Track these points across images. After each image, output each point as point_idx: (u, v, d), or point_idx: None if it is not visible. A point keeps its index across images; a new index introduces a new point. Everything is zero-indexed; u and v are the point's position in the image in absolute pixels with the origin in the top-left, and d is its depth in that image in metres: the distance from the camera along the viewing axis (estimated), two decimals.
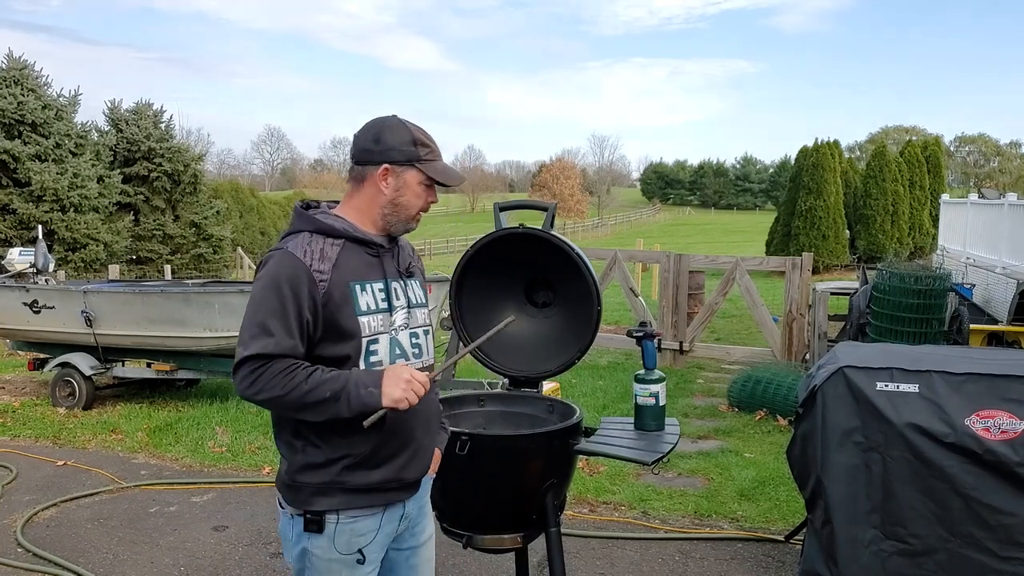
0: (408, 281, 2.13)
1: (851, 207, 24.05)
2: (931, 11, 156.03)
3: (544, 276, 3.29)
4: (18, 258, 15.46)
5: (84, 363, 7.38)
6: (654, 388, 3.11)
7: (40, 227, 11.97)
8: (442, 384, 2.34)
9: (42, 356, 7.92)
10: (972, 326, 7.05)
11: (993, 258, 9.82)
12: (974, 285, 8.91)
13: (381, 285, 2.04)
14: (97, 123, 23.30)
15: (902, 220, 24.09)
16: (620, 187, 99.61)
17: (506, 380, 3.31)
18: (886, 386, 3.13)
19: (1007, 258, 9.27)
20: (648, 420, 3.12)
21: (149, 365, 7.63)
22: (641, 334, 3.19)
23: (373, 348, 1.99)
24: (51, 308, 7.48)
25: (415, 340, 2.10)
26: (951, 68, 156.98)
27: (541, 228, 3.15)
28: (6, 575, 3.98)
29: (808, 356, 8.31)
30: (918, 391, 3.10)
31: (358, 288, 1.99)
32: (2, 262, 15.55)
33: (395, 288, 2.07)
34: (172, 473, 5.61)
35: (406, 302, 2.10)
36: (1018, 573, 2.98)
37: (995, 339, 7.11)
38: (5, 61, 20.60)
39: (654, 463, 2.86)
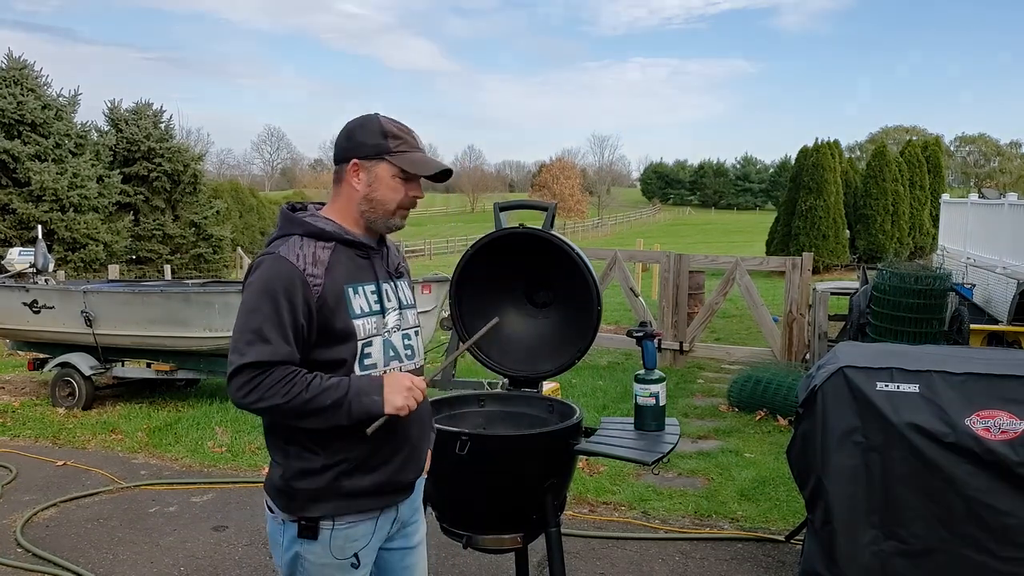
0: (398, 282, 2.12)
1: (851, 207, 24.02)
2: (931, 11, 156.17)
3: (544, 276, 3.29)
4: (18, 258, 15.41)
5: (84, 363, 7.38)
6: (654, 388, 3.11)
7: (40, 227, 11.96)
8: (442, 384, 2.34)
9: (42, 356, 7.92)
10: (972, 326, 7.05)
11: (993, 258, 9.82)
12: (974, 285, 8.91)
13: (373, 287, 2.03)
14: (97, 123, 23.25)
15: (902, 220, 24.07)
16: (620, 187, 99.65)
17: (506, 380, 3.31)
18: (886, 386, 3.13)
19: (1007, 258, 9.28)
20: (648, 420, 3.12)
21: (149, 365, 7.63)
22: (641, 334, 3.19)
23: (367, 351, 1.98)
24: (51, 308, 7.48)
25: (407, 341, 2.09)
26: (951, 68, 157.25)
27: (541, 228, 3.15)
28: (6, 575, 3.97)
29: (808, 356, 8.31)
30: (918, 391, 3.10)
31: (351, 291, 1.97)
32: (2, 262, 15.52)
33: (386, 290, 2.06)
34: (172, 473, 5.60)
35: (397, 303, 2.08)
36: (1018, 573, 2.98)
37: (995, 339, 7.11)
38: (5, 61, 20.57)
39: (654, 463, 2.86)
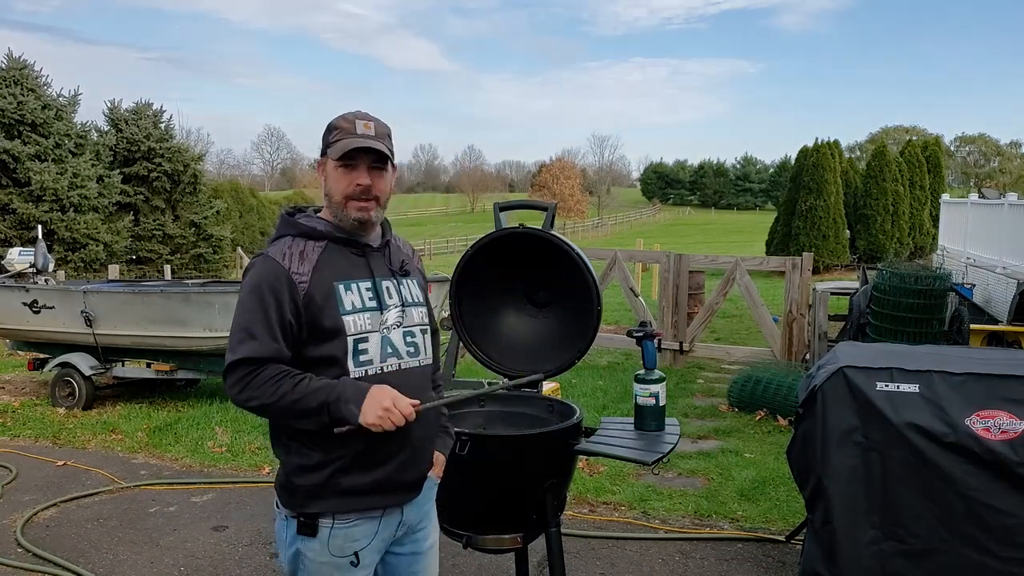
0: (403, 280, 2.12)
1: (851, 207, 24.01)
2: (931, 11, 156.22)
3: (544, 276, 3.29)
4: (18, 258, 15.41)
5: (84, 363, 7.39)
6: (654, 388, 3.11)
7: (40, 227, 11.98)
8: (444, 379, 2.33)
9: (42, 356, 7.92)
10: (972, 326, 7.05)
11: (993, 258, 9.83)
12: (974, 285, 8.92)
13: (368, 284, 2.04)
14: (97, 123, 23.27)
15: (902, 220, 24.07)
16: (620, 187, 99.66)
17: (506, 380, 3.31)
18: (886, 386, 3.13)
19: (1007, 258, 9.28)
20: (648, 420, 3.12)
21: (149, 365, 7.63)
22: (641, 334, 3.19)
23: (362, 347, 1.98)
24: (51, 308, 7.48)
25: (410, 339, 2.09)
26: (951, 68, 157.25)
27: (541, 228, 3.15)
28: (6, 575, 3.97)
29: (808, 356, 8.31)
30: (918, 391, 3.09)
31: (342, 288, 1.99)
32: (2, 262, 15.52)
33: (386, 287, 2.07)
34: (172, 473, 5.60)
35: (399, 300, 2.08)
36: (1018, 573, 2.98)
37: (995, 339, 7.11)
38: (5, 61, 20.57)
39: (654, 463, 2.86)
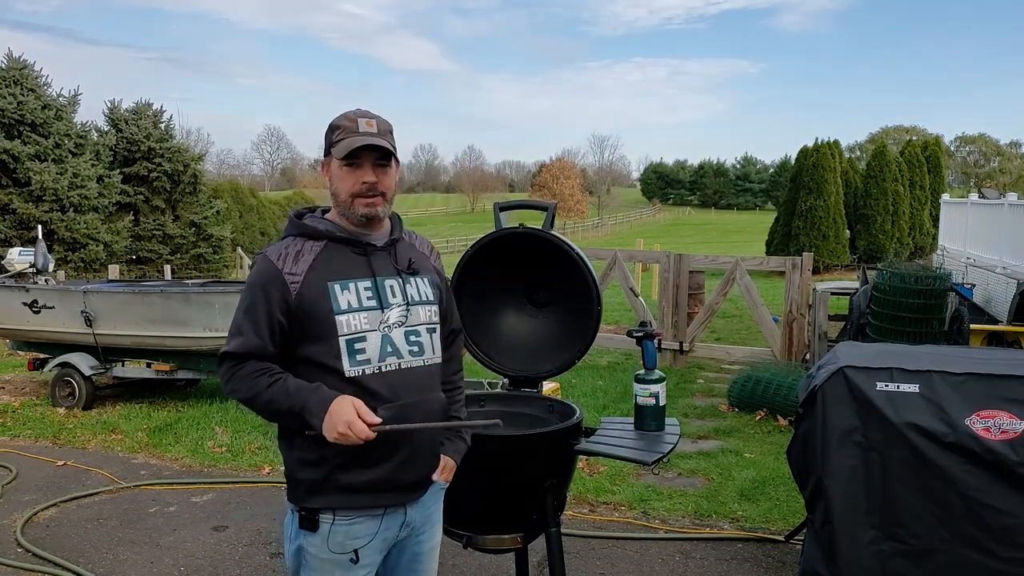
0: (410, 279, 2.11)
1: (851, 207, 24.01)
2: (931, 11, 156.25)
3: (544, 276, 3.29)
4: (18, 258, 15.40)
5: (84, 363, 7.39)
6: (654, 388, 3.11)
7: (40, 227, 11.96)
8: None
9: (42, 356, 7.92)
10: (972, 326, 7.05)
11: (993, 258, 9.83)
12: (974, 285, 8.91)
13: (368, 283, 2.03)
14: (97, 123, 23.30)
15: (902, 220, 24.07)
16: (620, 187, 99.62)
17: (506, 380, 3.31)
18: (886, 386, 3.13)
19: (1007, 258, 9.28)
20: (648, 420, 3.12)
21: (149, 365, 7.62)
22: (641, 334, 3.19)
23: (359, 346, 1.98)
24: (51, 308, 7.48)
25: (414, 338, 2.07)
26: (951, 68, 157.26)
27: (541, 228, 3.15)
28: (6, 575, 3.97)
29: (808, 356, 8.31)
30: (918, 391, 3.09)
31: (337, 287, 1.99)
32: (2, 262, 15.51)
33: (390, 286, 2.06)
34: (172, 473, 5.61)
35: (404, 299, 2.07)
36: (1018, 574, 2.98)
37: (995, 339, 7.11)
38: (5, 61, 20.58)
39: (654, 463, 2.86)
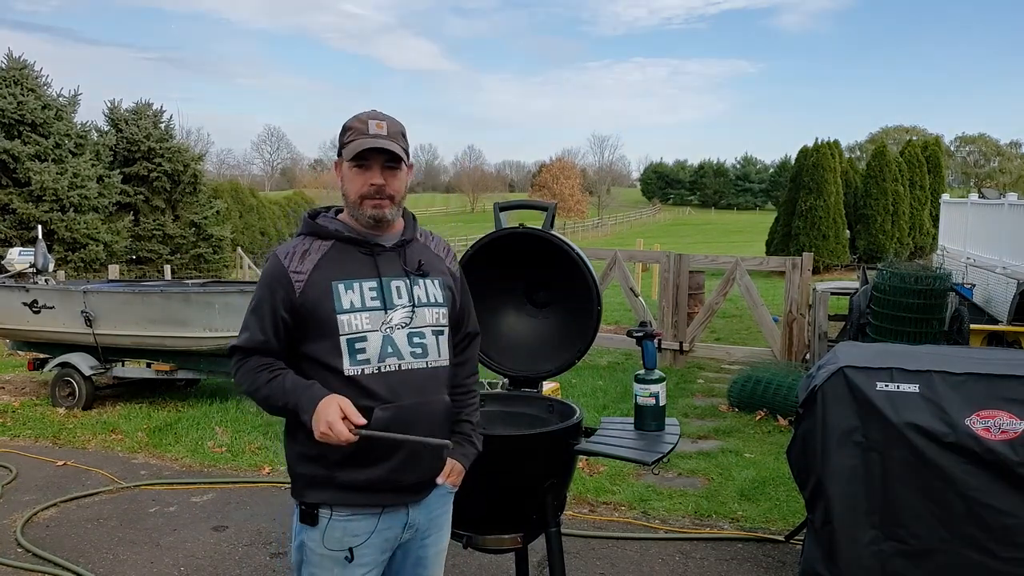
0: (419, 280, 2.10)
1: (851, 207, 24.01)
2: (931, 11, 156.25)
3: (544, 276, 3.29)
4: (18, 258, 15.39)
5: (84, 363, 7.39)
6: (654, 388, 3.11)
7: (40, 227, 11.95)
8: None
9: (42, 356, 7.92)
10: (972, 326, 7.05)
11: (993, 258, 9.83)
12: (974, 285, 8.91)
13: (373, 283, 2.04)
14: (97, 123, 23.27)
15: (902, 220, 24.07)
16: (620, 187, 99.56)
17: (506, 380, 3.31)
18: (886, 386, 3.13)
19: (1007, 258, 9.28)
20: (648, 420, 3.12)
21: (149, 365, 7.63)
22: (641, 334, 3.19)
23: (360, 346, 1.98)
24: (51, 308, 7.48)
25: (418, 340, 2.05)
26: (951, 68, 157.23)
27: (541, 228, 3.15)
28: (6, 575, 3.97)
29: (808, 356, 8.31)
30: (918, 391, 3.09)
31: (341, 287, 2.00)
32: (2, 262, 15.51)
33: (396, 287, 2.06)
34: (172, 473, 5.61)
35: (409, 301, 2.06)
36: (1018, 574, 2.98)
37: (995, 339, 7.11)
38: (5, 61, 20.57)
39: (654, 463, 2.86)
